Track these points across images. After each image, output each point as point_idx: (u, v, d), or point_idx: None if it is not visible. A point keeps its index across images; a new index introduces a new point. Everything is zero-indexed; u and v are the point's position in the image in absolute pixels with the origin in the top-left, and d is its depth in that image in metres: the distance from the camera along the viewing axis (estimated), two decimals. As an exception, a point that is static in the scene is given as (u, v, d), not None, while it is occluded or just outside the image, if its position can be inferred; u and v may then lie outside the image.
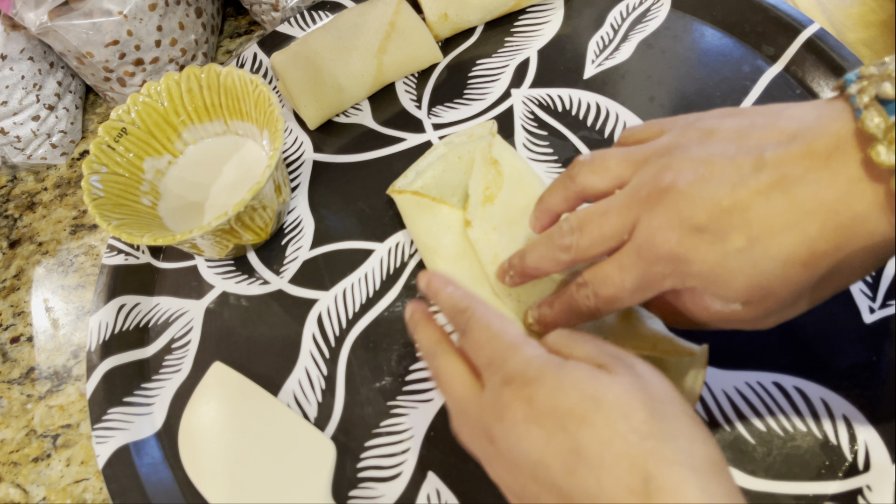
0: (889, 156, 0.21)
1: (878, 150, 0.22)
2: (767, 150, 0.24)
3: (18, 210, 0.56)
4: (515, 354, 0.26)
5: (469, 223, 0.38)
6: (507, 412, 0.24)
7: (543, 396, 0.24)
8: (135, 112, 0.45)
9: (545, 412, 0.24)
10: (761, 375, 0.35)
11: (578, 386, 0.24)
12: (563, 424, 0.23)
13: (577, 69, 0.49)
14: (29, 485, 0.42)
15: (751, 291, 0.25)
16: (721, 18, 0.49)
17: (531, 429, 0.24)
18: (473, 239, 0.38)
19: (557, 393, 0.24)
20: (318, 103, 0.49)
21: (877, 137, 0.22)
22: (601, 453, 0.22)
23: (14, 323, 0.49)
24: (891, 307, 0.36)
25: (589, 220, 0.28)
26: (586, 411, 0.23)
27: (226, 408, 0.39)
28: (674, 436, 0.23)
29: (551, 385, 0.24)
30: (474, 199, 0.39)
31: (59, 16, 0.49)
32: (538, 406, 0.24)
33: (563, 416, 0.23)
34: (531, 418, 0.24)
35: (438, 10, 0.51)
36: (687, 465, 0.22)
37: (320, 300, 0.43)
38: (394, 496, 0.36)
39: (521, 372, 0.25)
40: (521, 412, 0.24)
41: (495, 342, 0.27)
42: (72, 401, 0.45)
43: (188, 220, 0.45)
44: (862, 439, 0.32)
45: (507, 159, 0.41)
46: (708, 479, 0.22)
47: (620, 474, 0.22)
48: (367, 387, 0.39)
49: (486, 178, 0.40)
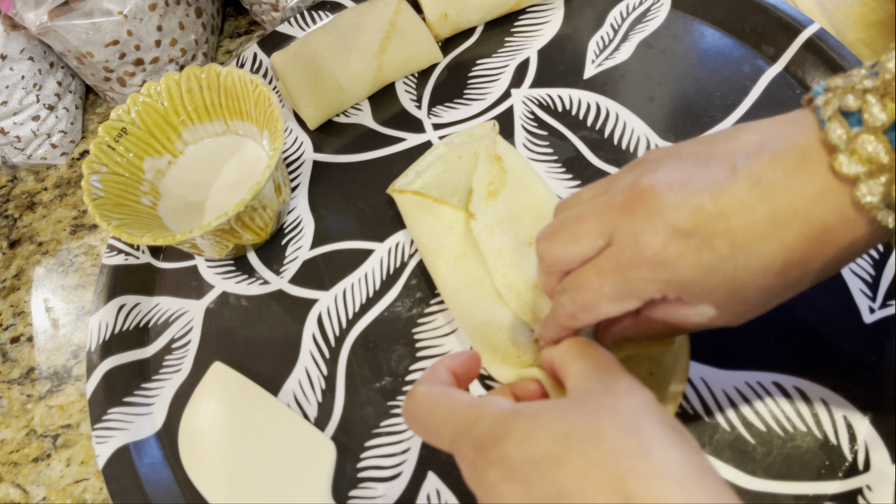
0: (850, 166, 0.22)
1: (839, 160, 0.22)
2: (738, 158, 0.25)
3: (18, 210, 0.56)
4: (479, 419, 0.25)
5: (472, 215, 0.38)
6: (484, 477, 0.24)
7: (514, 451, 0.23)
8: (135, 112, 0.45)
9: (520, 466, 0.23)
10: (761, 375, 0.35)
11: (548, 429, 0.23)
12: (539, 472, 0.23)
13: (577, 69, 0.49)
14: (29, 485, 0.42)
15: (727, 298, 0.25)
16: (721, 18, 0.49)
17: (511, 486, 0.23)
18: (476, 231, 0.38)
19: (528, 442, 0.23)
20: (318, 103, 0.49)
21: (839, 148, 0.22)
22: (581, 487, 0.22)
23: (14, 323, 0.49)
24: (891, 307, 0.36)
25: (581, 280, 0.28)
26: (559, 451, 0.23)
27: (226, 408, 0.39)
28: (649, 448, 0.22)
29: (520, 437, 0.24)
30: (478, 193, 0.39)
31: (59, 16, 0.49)
32: (512, 462, 0.23)
33: (538, 464, 0.23)
34: (508, 476, 0.23)
35: (438, 10, 0.51)
36: (666, 474, 0.22)
37: (320, 300, 0.43)
38: (394, 496, 0.36)
39: (489, 432, 0.25)
40: (498, 473, 0.24)
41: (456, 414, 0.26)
42: (72, 401, 0.45)
43: (188, 220, 0.45)
44: (862, 439, 0.32)
45: (509, 158, 0.41)
46: (691, 483, 0.22)
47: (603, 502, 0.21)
48: (367, 387, 0.39)
49: (489, 173, 0.40)
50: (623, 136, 0.45)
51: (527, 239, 0.38)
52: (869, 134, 0.22)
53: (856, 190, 0.22)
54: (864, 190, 0.22)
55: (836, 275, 0.37)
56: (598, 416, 0.23)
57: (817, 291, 0.36)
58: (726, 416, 0.34)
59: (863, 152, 0.22)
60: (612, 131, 0.45)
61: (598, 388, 0.25)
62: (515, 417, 0.25)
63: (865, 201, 0.22)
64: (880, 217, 0.22)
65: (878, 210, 0.22)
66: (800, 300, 0.36)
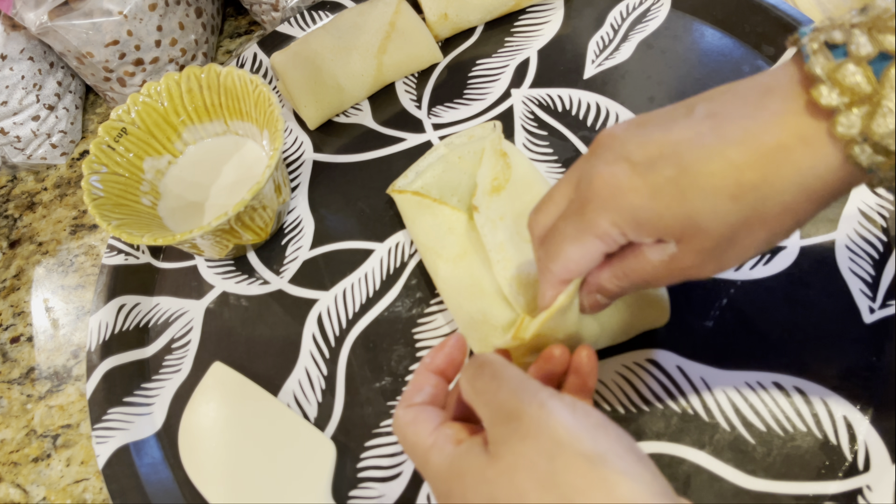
0: (830, 97, 0.22)
1: (820, 90, 0.22)
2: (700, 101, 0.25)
3: (18, 210, 0.56)
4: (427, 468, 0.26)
5: (476, 208, 0.38)
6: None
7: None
8: (135, 112, 0.45)
9: None
10: (761, 375, 0.35)
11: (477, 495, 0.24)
12: None
13: (577, 69, 0.49)
14: (29, 485, 0.42)
15: (682, 226, 0.24)
16: (721, 18, 0.49)
17: None
18: (479, 224, 0.38)
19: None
20: (318, 103, 0.49)
21: (820, 79, 0.22)
22: None
23: (14, 323, 0.49)
24: (891, 307, 0.36)
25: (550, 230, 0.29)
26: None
27: (226, 408, 0.39)
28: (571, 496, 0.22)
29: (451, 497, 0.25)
30: (482, 188, 0.39)
31: (59, 16, 0.49)
32: None
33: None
34: None
35: (438, 10, 0.51)
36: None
37: (320, 300, 0.43)
38: (394, 496, 0.36)
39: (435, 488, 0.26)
40: None
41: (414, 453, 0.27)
42: (72, 401, 0.45)
43: (188, 220, 0.45)
44: (862, 439, 0.32)
45: (514, 157, 0.41)
46: None
47: None
48: (367, 387, 0.39)
49: (494, 168, 0.40)
50: (623, 136, 0.45)
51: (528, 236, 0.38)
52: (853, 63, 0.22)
53: (835, 123, 0.22)
54: (843, 122, 0.22)
55: (836, 275, 0.37)
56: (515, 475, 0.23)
57: (817, 291, 0.37)
58: (726, 416, 0.34)
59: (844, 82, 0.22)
60: (612, 131, 0.45)
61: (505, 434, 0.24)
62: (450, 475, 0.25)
63: (843, 133, 0.22)
64: (856, 152, 0.22)
65: (855, 144, 0.22)
66: (800, 300, 0.36)
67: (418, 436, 0.27)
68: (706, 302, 0.37)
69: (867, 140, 0.21)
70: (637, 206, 0.25)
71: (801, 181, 0.23)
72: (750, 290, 0.37)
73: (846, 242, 0.38)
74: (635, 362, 0.36)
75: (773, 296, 0.37)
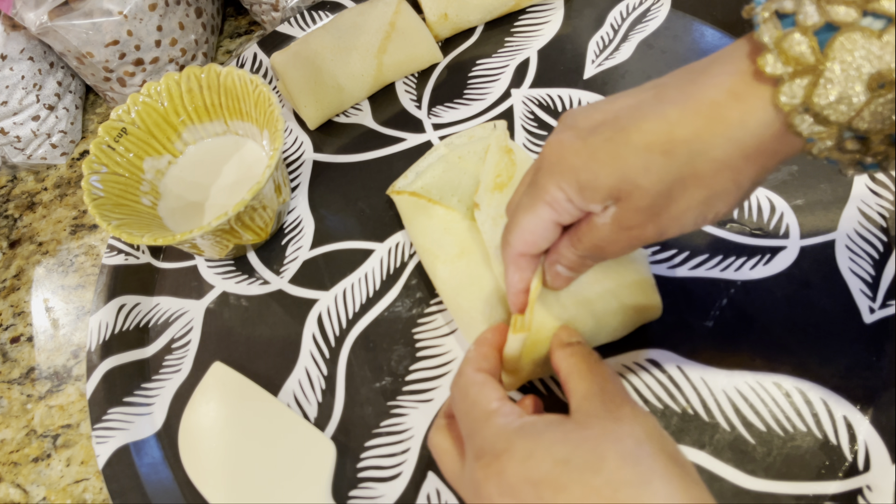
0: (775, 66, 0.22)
1: (766, 58, 0.22)
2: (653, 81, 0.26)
3: (18, 210, 0.56)
4: (486, 426, 0.26)
5: (477, 206, 0.38)
6: (481, 489, 0.24)
7: (514, 469, 0.24)
8: (135, 112, 0.45)
9: (517, 485, 0.23)
10: (761, 375, 0.35)
11: (549, 452, 0.24)
12: (537, 494, 0.23)
13: (577, 69, 0.49)
14: (29, 485, 0.42)
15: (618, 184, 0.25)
16: (721, 18, 0.49)
17: None
18: (480, 221, 0.38)
19: (529, 462, 0.24)
20: (318, 103, 0.49)
21: (767, 47, 0.22)
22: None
23: (14, 323, 0.49)
24: (891, 307, 0.36)
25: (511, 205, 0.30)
26: (559, 475, 0.23)
27: (226, 408, 0.39)
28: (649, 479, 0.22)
29: (521, 456, 0.24)
30: (485, 185, 0.39)
31: (59, 16, 0.49)
32: (510, 480, 0.23)
33: (536, 485, 0.23)
34: (504, 493, 0.23)
35: (438, 10, 0.51)
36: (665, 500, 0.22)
37: (320, 300, 0.43)
38: (394, 496, 0.36)
39: (490, 445, 0.25)
40: (495, 487, 0.24)
41: (471, 412, 0.27)
42: (72, 401, 0.45)
43: (188, 220, 0.45)
44: (862, 439, 0.32)
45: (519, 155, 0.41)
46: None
47: None
48: (367, 387, 0.39)
49: (498, 165, 0.40)
50: (623, 136, 0.45)
51: None
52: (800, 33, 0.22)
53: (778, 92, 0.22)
54: (787, 91, 0.22)
55: (837, 275, 0.37)
56: (600, 443, 0.23)
57: (817, 291, 0.37)
58: (726, 416, 0.34)
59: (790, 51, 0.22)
60: (612, 131, 0.45)
61: (601, 411, 0.25)
62: (519, 434, 0.25)
63: (785, 102, 0.22)
64: (797, 121, 0.22)
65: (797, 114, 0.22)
66: (800, 300, 0.36)
67: (485, 396, 0.27)
68: (706, 302, 0.37)
69: (808, 110, 0.22)
70: (577, 167, 0.25)
71: (732, 135, 0.23)
72: (750, 290, 0.37)
73: (846, 242, 0.38)
74: (635, 362, 0.36)
75: (773, 296, 0.37)
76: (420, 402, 0.38)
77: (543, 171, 0.27)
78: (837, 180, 0.40)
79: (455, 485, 0.28)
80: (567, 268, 0.29)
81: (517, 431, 0.25)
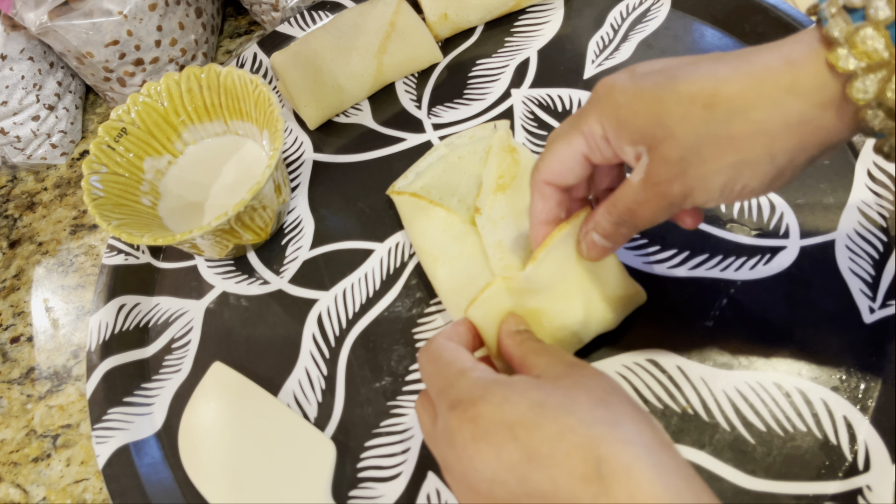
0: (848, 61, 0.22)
1: (838, 53, 0.22)
2: None
3: (18, 210, 0.56)
4: (461, 379, 0.26)
5: (478, 210, 0.38)
6: (455, 436, 0.24)
7: (489, 413, 0.24)
8: (135, 112, 0.45)
9: (492, 427, 0.24)
10: (761, 375, 0.35)
11: (524, 396, 0.24)
12: (512, 434, 0.23)
13: (577, 69, 0.49)
14: (29, 485, 0.42)
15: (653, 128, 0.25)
16: (721, 18, 0.49)
17: (480, 447, 0.24)
18: (480, 225, 0.38)
19: (504, 406, 0.24)
20: (318, 103, 0.49)
21: (838, 42, 0.22)
22: (552, 451, 0.22)
23: (14, 323, 0.49)
24: (891, 307, 0.36)
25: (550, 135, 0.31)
26: (534, 416, 0.23)
27: (226, 408, 0.39)
28: (620, 420, 0.23)
29: (497, 401, 0.24)
30: (486, 187, 0.39)
31: (59, 16, 0.49)
32: (485, 423, 0.24)
33: (511, 427, 0.23)
34: (479, 437, 0.24)
35: (438, 10, 0.51)
36: (637, 443, 0.22)
37: (320, 300, 0.43)
38: (394, 496, 0.36)
39: (466, 394, 0.25)
40: (469, 433, 0.24)
41: (443, 373, 0.27)
42: (72, 401, 0.45)
43: (188, 220, 0.45)
44: (862, 439, 0.32)
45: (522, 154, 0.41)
46: (659, 454, 0.22)
47: (573, 465, 0.22)
48: (367, 387, 0.39)
49: (500, 166, 0.40)
50: (623, 136, 0.45)
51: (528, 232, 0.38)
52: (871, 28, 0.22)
53: (851, 87, 0.22)
54: (860, 86, 0.22)
55: (836, 275, 0.37)
56: (572, 390, 0.24)
57: (817, 291, 0.37)
58: (726, 416, 0.34)
59: (863, 46, 0.22)
60: (612, 131, 0.45)
61: (567, 371, 0.26)
62: (494, 383, 0.25)
63: (859, 97, 0.22)
64: (869, 116, 0.22)
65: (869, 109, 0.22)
66: (800, 300, 0.36)
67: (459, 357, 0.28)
68: (706, 302, 0.37)
69: (881, 105, 0.22)
70: (620, 104, 0.26)
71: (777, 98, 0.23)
72: (750, 290, 0.37)
73: (846, 242, 0.38)
74: (635, 362, 0.36)
75: (773, 296, 0.37)
76: (420, 402, 0.38)
77: (590, 104, 0.28)
78: (837, 180, 0.40)
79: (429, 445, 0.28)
80: (603, 236, 0.30)
81: (493, 381, 0.25)
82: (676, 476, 0.22)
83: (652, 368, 0.36)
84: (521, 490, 0.23)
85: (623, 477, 0.21)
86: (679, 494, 0.21)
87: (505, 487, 0.23)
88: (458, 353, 0.28)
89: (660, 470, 0.21)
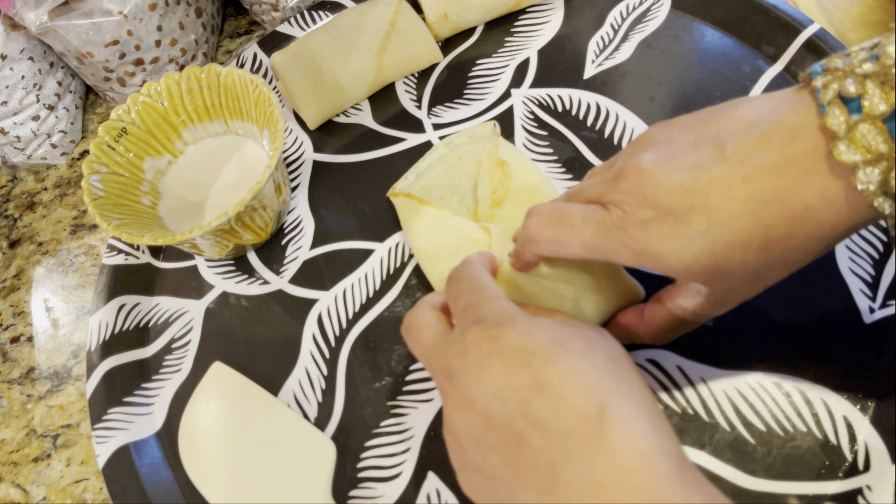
0: (849, 154, 0.22)
1: (839, 148, 0.22)
2: (728, 137, 0.25)
3: (18, 210, 0.56)
4: (492, 302, 0.27)
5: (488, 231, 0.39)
6: (472, 347, 0.25)
7: (512, 338, 0.25)
8: (135, 112, 0.45)
9: (511, 350, 0.25)
10: (761, 375, 0.35)
11: (548, 333, 0.25)
12: (527, 361, 0.24)
13: (577, 69, 0.49)
14: (29, 485, 0.42)
15: (710, 272, 0.26)
16: (721, 18, 0.49)
17: (493, 363, 0.25)
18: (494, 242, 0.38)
19: (527, 336, 0.25)
20: (318, 103, 0.49)
21: (838, 135, 0.23)
22: (562, 385, 0.23)
23: (14, 323, 0.49)
24: (891, 307, 0.36)
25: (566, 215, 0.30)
26: (552, 352, 0.24)
27: (226, 408, 0.39)
28: (630, 378, 0.25)
29: (522, 329, 0.25)
30: (483, 204, 0.40)
31: (59, 16, 0.49)
32: (505, 345, 0.25)
33: (528, 355, 0.24)
34: (495, 354, 0.25)
35: (438, 9, 0.51)
36: (640, 401, 0.24)
37: (320, 300, 0.43)
38: (394, 496, 0.36)
39: (495, 315, 0.26)
40: (487, 347, 0.25)
41: (477, 291, 0.28)
42: (72, 401, 0.45)
43: (188, 220, 0.45)
44: (862, 439, 0.32)
45: (513, 159, 0.41)
46: (656, 416, 0.24)
47: (578, 402, 0.23)
48: (367, 387, 0.39)
49: (492, 182, 0.40)
50: (623, 137, 0.45)
51: None
52: (868, 123, 0.22)
53: (854, 177, 0.22)
54: (862, 177, 0.22)
55: (836, 275, 0.37)
56: (592, 340, 0.26)
57: (817, 291, 0.37)
58: (726, 416, 0.34)
59: (862, 141, 0.22)
60: (612, 131, 0.45)
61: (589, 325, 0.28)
62: (522, 315, 0.26)
63: (863, 188, 0.22)
64: (877, 203, 0.23)
65: (876, 197, 0.22)
66: (800, 300, 0.36)
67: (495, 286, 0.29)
68: (706, 302, 0.37)
69: (887, 193, 0.22)
70: (664, 253, 0.26)
71: (823, 234, 0.24)
72: (750, 290, 0.37)
73: (846, 242, 0.38)
74: (635, 362, 0.36)
75: (773, 296, 0.37)
76: (420, 402, 0.38)
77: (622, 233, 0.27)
78: (837, 180, 0.40)
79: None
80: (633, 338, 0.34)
81: (521, 314, 0.26)
82: (669, 440, 0.23)
83: (652, 368, 0.36)
84: (519, 412, 0.23)
85: (622, 425, 0.22)
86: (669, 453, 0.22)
87: (505, 406, 0.24)
88: (493, 283, 0.29)
89: (656, 429, 0.23)
